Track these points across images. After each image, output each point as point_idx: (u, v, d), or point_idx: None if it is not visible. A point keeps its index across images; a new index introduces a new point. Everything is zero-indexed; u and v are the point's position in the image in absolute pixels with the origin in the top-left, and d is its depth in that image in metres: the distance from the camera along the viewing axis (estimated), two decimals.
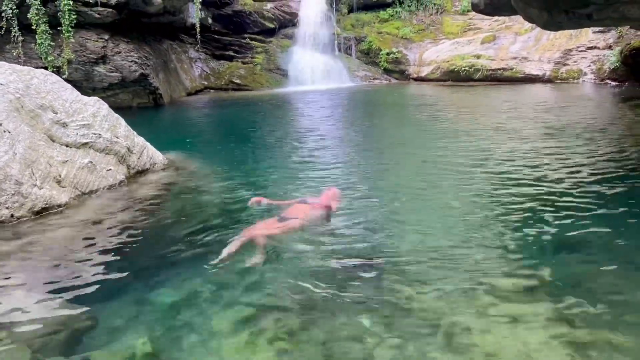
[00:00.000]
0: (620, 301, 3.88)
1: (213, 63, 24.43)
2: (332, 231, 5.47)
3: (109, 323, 3.80)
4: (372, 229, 5.50)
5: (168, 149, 9.23)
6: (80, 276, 4.57)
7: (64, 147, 6.83)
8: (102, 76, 17.03)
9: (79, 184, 6.79)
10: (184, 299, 4.12)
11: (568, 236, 5.09)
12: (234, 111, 17.73)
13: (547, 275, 4.32)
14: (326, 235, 5.37)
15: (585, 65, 20.68)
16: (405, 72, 24.92)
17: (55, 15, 15.38)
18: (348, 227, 5.53)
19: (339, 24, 25.87)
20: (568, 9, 9.57)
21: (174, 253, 5.04)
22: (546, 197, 6.31)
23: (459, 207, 6.15)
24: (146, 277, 4.55)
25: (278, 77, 24.48)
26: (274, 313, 3.87)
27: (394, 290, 4.14)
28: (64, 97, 7.25)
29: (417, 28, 25.75)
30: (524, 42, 22.61)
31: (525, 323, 3.62)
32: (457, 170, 7.75)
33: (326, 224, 5.65)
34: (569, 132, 10.49)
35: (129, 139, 7.86)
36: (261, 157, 9.58)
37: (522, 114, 13.64)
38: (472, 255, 4.76)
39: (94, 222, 5.97)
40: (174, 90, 20.79)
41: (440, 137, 10.72)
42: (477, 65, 22.65)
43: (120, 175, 7.49)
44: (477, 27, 25.11)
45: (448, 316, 3.73)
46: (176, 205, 6.63)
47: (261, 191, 6.99)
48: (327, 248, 5.01)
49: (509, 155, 8.60)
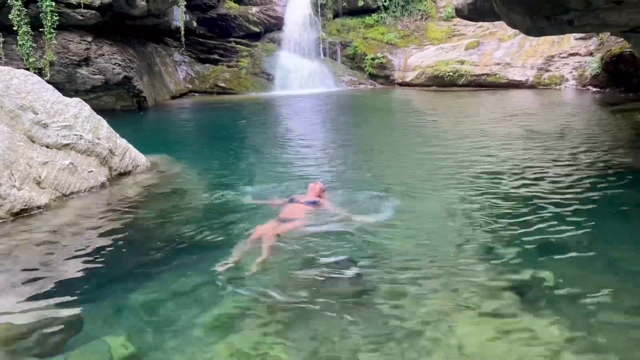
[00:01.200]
0: (603, 302, 3.90)
1: (198, 66, 24.32)
2: (317, 232, 5.45)
3: (88, 325, 3.74)
4: (356, 231, 5.49)
5: (151, 152, 9.15)
6: (59, 278, 4.50)
7: (44, 148, 6.74)
8: (85, 78, 16.86)
9: (59, 186, 6.70)
10: (164, 301, 4.08)
11: (550, 238, 5.13)
12: (219, 114, 17.66)
13: (530, 277, 4.34)
14: (311, 236, 5.35)
15: (567, 71, 20.94)
16: (390, 77, 25.04)
17: (37, 17, 15.19)
18: (330, 230, 5.52)
19: (325, 28, 25.94)
20: (550, 15, 9.69)
21: (154, 255, 4.99)
22: (528, 199, 6.36)
23: (441, 210, 6.16)
24: (126, 279, 4.49)
25: (263, 81, 24.45)
26: (254, 315, 3.84)
27: (377, 291, 4.14)
28: (44, 98, 7.16)
29: (402, 34, 25.90)
30: (507, 49, 22.84)
31: (509, 324, 3.63)
32: (440, 173, 7.79)
33: (321, 219, 5.71)
34: (550, 136, 10.60)
35: (111, 140, 7.78)
36: (245, 159, 9.56)
37: (504, 118, 13.77)
38: (455, 256, 4.77)
39: (74, 223, 5.89)
40: (158, 94, 20.66)
41: (424, 140, 10.78)
42: (461, 71, 22.83)
43: (102, 177, 7.40)
44: (461, 33, 25.32)
45: (432, 317, 3.72)
46: (158, 207, 6.57)
47: (245, 193, 6.96)
48: (312, 249, 4.99)
49: (490, 159, 8.67)
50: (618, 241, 5.11)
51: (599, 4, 8.56)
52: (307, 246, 5.06)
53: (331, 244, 5.12)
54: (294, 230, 5.39)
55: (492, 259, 4.69)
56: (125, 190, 7.23)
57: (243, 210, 6.28)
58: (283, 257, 4.85)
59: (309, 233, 5.40)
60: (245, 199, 6.60)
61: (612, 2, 8.41)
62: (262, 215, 6.00)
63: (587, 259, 4.69)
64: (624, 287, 4.16)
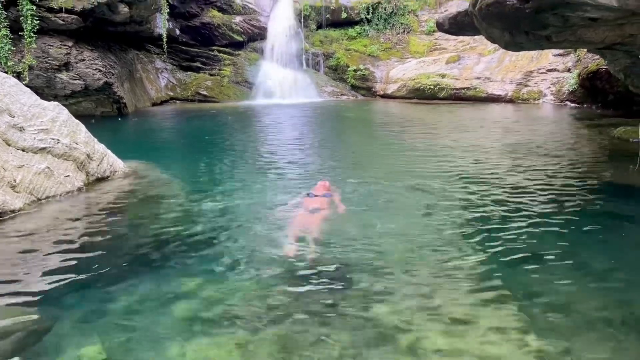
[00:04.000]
0: (577, 310, 3.96)
1: (180, 74, 24.24)
2: (298, 238, 5.45)
3: (59, 330, 3.67)
4: (337, 239, 5.50)
5: (130, 158, 9.07)
6: (31, 282, 4.42)
7: (20, 152, 6.64)
8: (64, 83, 16.68)
9: (34, 190, 6.60)
10: (137, 307, 4.02)
11: (524, 246, 5.19)
12: (199, 122, 17.58)
13: (507, 285, 4.39)
14: (292, 242, 5.35)
15: (546, 86, 21.34)
16: (372, 89, 25.23)
17: (17, 20, 15.01)
18: (310, 237, 5.52)
19: (308, 39, 26.07)
20: (528, 30, 9.88)
21: (129, 261, 4.93)
22: (503, 210, 6.43)
23: (420, 219, 6.20)
24: (99, 285, 4.42)
25: (245, 89, 24.45)
26: (229, 321, 3.81)
27: (356, 297, 4.14)
28: (22, 101, 7.06)
29: (384, 46, 26.15)
30: (487, 63, 23.20)
31: (482, 328, 3.66)
32: (419, 184, 7.84)
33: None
34: (526, 149, 10.76)
35: (89, 145, 7.70)
36: (223, 166, 9.52)
37: (483, 131, 13.96)
38: (433, 264, 4.80)
39: (48, 228, 5.80)
40: (138, 100, 20.51)
41: (402, 151, 10.85)
42: (442, 84, 23.11)
43: (79, 181, 7.31)
44: (442, 47, 25.65)
45: (406, 323, 3.73)
46: (134, 213, 6.50)
47: (223, 199, 6.94)
48: (292, 255, 4.98)
49: (465, 170, 8.75)
50: (591, 249, 5.20)
51: (576, 21, 8.76)
52: (287, 255, 5.05)
53: (308, 252, 5.11)
54: (326, 219, 6.07)
55: (466, 266, 4.73)
56: (102, 196, 7.15)
57: (218, 216, 6.27)
58: (261, 265, 4.83)
59: (290, 241, 5.41)
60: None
61: (588, 20, 8.61)
62: (236, 221, 6.00)
63: (560, 266, 4.76)
64: (594, 292, 4.25)
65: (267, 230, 5.76)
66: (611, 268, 4.78)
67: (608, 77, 16.60)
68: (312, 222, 5.92)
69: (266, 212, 6.50)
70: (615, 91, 17.06)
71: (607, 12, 8.06)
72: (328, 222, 6.02)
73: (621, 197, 7.26)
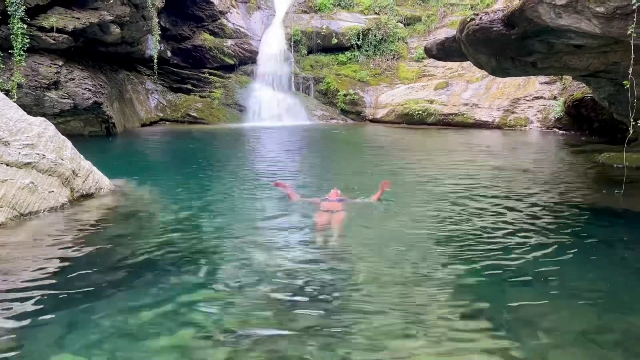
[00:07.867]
0: (558, 327, 3.94)
1: (170, 95, 24.32)
2: (283, 254, 5.40)
3: (33, 348, 3.57)
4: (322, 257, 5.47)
5: (117, 176, 9.01)
6: (7, 299, 4.31)
7: (3, 166, 6.56)
8: (53, 102, 16.62)
9: (17, 205, 6.52)
10: (119, 324, 3.93)
11: (510, 268, 5.18)
12: (188, 143, 17.56)
13: (494, 308, 4.35)
14: (278, 257, 5.30)
15: (532, 113, 21.65)
16: (362, 113, 25.47)
17: (7, 38, 15.00)
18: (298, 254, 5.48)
19: (299, 64, 26.34)
20: (514, 56, 10.06)
21: (111, 277, 4.84)
22: (489, 233, 6.43)
23: (407, 240, 6.19)
24: (80, 301, 4.33)
25: (236, 112, 24.55)
26: (213, 339, 3.74)
27: (341, 315, 4.09)
28: (7, 116, 7.01)
29: (374, 72, 26.49)
30: (475, 90, 23.53)
31: (465, 348, 3.62)
32: (407, 206, 7.85)
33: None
34: (512, 173, 10.84)
35: (74, 161, 7.64)
36: (211, 186, 9.47)
37: (469, 154, 14.07)
38: (419, 285, 4.77)
39: (30, 243, 5.71)
40: (128, 120, 20.49)
41: (391, 174, 10.88)
42: (430, 110, 23.38)
43: (63, 197, 7.23)
44: (431, 73, 26.03)
45: (390, 342, 3.69)
46: (118, 230, 6.42)
47: (208, 216, 6.90)
48: (277, 269, 4.93)
49: (453, 193, 8.77)
50: (575, 272, 5.20)
51: (561, 48, 8.94)
52: (274, 270, 5.00)
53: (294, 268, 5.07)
54: (345, 219, 7.03)
55: (451, 287, 4.71)
56: (86, 212, 7.07)
57: (202, 233, 6.22)
58: (244, 280, 4.77)
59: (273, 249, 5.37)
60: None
61: (572, 47, 8.79)
62: (220, 239, 5.96)
63: (544, 287, 4.75)
64: (579, 314, 4.23)
65: (252, 247, 5.72)
66: (596, 289, 4.77)
67: (593, 104, 16.89)
68: (334, 220, 6.95)
69: (251, 231, 6.47)
70: (600, 118, 17.34)
71: (590, 40, 8.24)
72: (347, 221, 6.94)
73: (606, 220, 7.31)
